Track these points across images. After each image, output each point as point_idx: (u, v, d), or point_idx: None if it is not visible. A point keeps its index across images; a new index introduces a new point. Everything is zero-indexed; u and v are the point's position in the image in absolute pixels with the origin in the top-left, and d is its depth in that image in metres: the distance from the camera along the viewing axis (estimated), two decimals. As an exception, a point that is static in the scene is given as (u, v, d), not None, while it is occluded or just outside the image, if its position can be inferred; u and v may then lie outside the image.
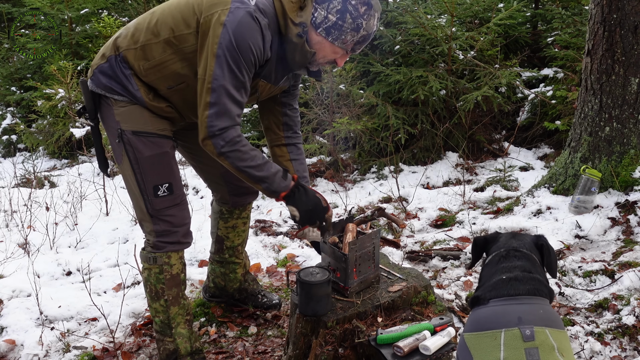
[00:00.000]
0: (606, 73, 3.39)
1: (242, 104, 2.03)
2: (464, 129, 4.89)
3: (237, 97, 1.99)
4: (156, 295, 2.32)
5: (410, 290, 2.29)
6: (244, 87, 2.01)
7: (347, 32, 1.99)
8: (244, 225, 2.70)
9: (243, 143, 2.04)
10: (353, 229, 2.40)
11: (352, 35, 2.00)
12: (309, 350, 2.16)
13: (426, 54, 4.93)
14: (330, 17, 1.97)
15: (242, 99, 2.02)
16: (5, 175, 5.55)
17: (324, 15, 1.98)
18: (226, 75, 1.95)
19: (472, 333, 1.64)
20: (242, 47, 1.94)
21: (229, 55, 1.93)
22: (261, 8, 1.98)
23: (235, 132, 2.01)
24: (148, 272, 2.31)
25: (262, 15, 1.97)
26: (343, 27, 1.97)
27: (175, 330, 2.35)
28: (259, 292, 2.84)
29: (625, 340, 2.40)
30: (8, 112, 7.27)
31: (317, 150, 4.97)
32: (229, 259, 2.72)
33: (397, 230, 3.75)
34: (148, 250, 2.30)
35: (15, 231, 3.99)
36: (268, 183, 2.11)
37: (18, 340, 2.71)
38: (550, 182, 3.74)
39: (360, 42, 2.04)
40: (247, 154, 2.04)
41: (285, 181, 2.14)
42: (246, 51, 1.95)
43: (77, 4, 6.83)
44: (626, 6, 3.25)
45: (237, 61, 1.95)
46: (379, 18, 2.04)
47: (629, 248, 3.06)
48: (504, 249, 1.79)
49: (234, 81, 1.97)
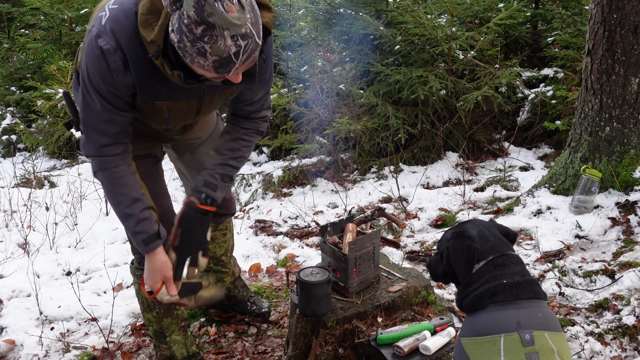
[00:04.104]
0: (606, 73, 3.39)
1: (109, 133, 1.84)
2: (464, 129, 4.88)
3: (98, 127, 1.82)
4: (148, 307, 2.32)
5: (410, 290, 2.29)
6: (108, 115, 1.81)
7: (193, 56, 1.57)
8: (224, 236, 2.61)
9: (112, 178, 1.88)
10: (353, 229, 2.40)
11: (203, 60, 1.57)
12: (309, 350, 2.16)
13: (426, 54, 4.93)
14: (172, 35, 1.59)
15: (107, 128, 1.82)
16: (5, 175, 5.55)
17: (170, 30, 1.59)
18: (87, 103, 1.80)
19: (471, 338, 1.62)
20: (92, 78, 1.74)
21: (84, 86, 1.78)
22: (109, 28, 1.69)
23: (108, 164, 1.87)
24: (138, 286, 2.28)
25: (110, 36, 1.69)
26: (186, 49, 1.57)
27: (170, 338, 2.36)
28: (248, 299, 2.81)
29: (626, 341, 2.40)
30: (8, 112, 7.27)
31: (317, 150, 4.96)
32: (214, 268, 2.67)
33: (397, 230, 3.74)
34: (136, 265, 2.27)
35: (15, 231, 3.99)
36: (128, 233, 1.98)
37: (18, 340, 2.71)
38: (551, 182, 3.73)
39: (220, 66, 1.58)
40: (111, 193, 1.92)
41: (144, 246, 1.92)
42: (97, 82, 1.75)
43: (76, 3, 6.83)
44: (626, 6, 3.25)
45: (91, 91, 1.76)
46: (243, 34, 1.55)
47: (629, 248, 3.06)
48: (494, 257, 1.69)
49: (94, 109, 1.79)
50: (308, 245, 3.68)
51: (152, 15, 1.65)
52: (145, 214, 1.92)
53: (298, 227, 4.03)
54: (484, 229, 1.76)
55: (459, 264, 1.74)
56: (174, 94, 1.86)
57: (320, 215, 4.16)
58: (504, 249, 1.72)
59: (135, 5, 1.70)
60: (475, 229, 1.75)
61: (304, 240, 3.79)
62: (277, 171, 4.87)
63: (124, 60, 1.71)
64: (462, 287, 1.74)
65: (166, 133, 2.11)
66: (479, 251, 1.71)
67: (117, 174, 1.89)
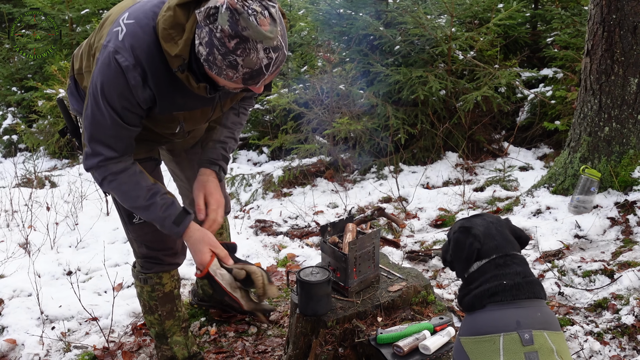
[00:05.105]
0: (605, 73, 3.40)
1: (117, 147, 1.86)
2: (464, 129, 4.89)
3: (106, 140, 1.83)
4: (150, 309, 2.32)
5: (410, 290, 2.29)
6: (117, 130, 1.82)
7: (222, 68, 1.62)
8: (220, 236, 2.61)
9: (121, 181, 1.88)
10: (353, 229, 2.40)
11: (232, 72, 1.62)
12: (309, 349, 2.17)
13: (426, 54, 4.93)
14: (201, 49, 1.63)
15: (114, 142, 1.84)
16: (6, 175, 5.56)
17: (197, 44, 1.64)
18: (96, 117, 1.80)
19: (470, 337, 1.63)
20: (107, 93, 1.75)
21: (94, 101, 1.78)
22: (128, 44, 1.71)
23: (114, 169, 1.87)
24: (140, 289, 2.29)
25: (128, 53, 1.70)
26: (216, 62, 1.62)
27: (171, 339, 2.36)
28: None
29: (625, 340, 2.41)
30: (9, 112, 7.29)
31: (317, 150, 4.97)
32: None
33: (397, 230, 3.75)
34: (138, 269, 2.27)
35: (16, 231, 4.00)
36: (158, 225, 1.96)
37: (19, 339, 2.72)
38: (550, 182, 3.74)
39: (249, 78, 1.65)
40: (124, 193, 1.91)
41: (177, 228, 1.95)
42: (111, 97, 1.75)
43: (77, 4, 6.84)
44: (625, 6, 3.26)
45: (102, 106, 1.77)
46: (274, 47, 1.61)
47: (628, 248, 3.07)
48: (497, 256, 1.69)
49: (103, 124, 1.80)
50: (308, 245, 3.69)
51: (175, 30, 1.67)
52: (166, 199, 1.94)
53: (298, 227, 4.04)
54: (492, 226, 1.74)
55: (459, 259, 1.75)
56: (192, 102, 1.90)
57: (320, 215, 4.16)
58: (509, 249, 1.70)
59: (153, 20, 1.72)
60: (482, 226, 1.74)
61: (304, 240, 3.80)
62: (277, 171, 4.88)
63: (143, 75, 1.73)
64: (464, 284, 1.74)
65: (172, 137, 2.12)
66: (480, 250, 1.71)
67: (126, 175, 1.90)
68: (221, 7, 1.56)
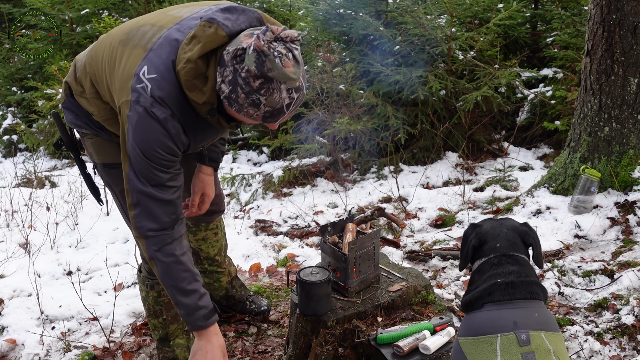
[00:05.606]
0: (605, 73, 3.40)
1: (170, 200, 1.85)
2: (464, 129, 4.89)
3: (158, 195, 1.81)
4: (154, 313, 2.32)
5: (410, 290, 2.29)
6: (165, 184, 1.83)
7: (244, 106, 1.68)
8: (215, 235, 2.62)
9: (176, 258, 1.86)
10: (353, 229, 2.40)
11: (254, 110, 1.68)
12: (309, 349, 2.17)
13: (426, 54, 4.93)
14: (223, 87, 1.68)
15: (167, 195, 1.84)
16: (6, 175, 5.56)
17: (219, 81, 1.69)
18: (140, 178, 1.79)
19: (468, 338, 1.64)
20: (147, 153, 1.75)
21: (135, 161, 1.77)
22: (158, 96, 1.72)
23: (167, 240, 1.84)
24: (146, 293, 2.29)
25: (161, 104, 1.73)
26: (238, 100, 1.67)
27: (174, 342, 2.36)
28: (246, 299, 2.82)
29: (625, 340, 2.41)
30: (9, 112, 7.29)
31: (317, 150, 4.97)
32: (210, 269, 2.68)
33: (397, 230, 3.75)
34: (144, 275, 2.27)
35: (16, 231, 4.00)
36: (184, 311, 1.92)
37: (19, 339, 2.72)
38: (550, 182, 3.74)
39: (270, 116, 1.70)
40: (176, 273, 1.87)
41: (204, 321, 1.92)
42: (152, 156, 1.76)
43: (77, 4, 6.83)
44: (625, 7, 3.26)
45: (144, 166, 1.77)
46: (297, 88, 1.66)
47: (628, 248, 3.07)
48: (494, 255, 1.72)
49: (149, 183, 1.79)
50: (308, 245, 3.69)
51: (198, 79, 1.71)
52: (203, 289, 1.95)
53: (298, 227, 4.04)
54: (501, 229, 1.78)
55: (461, 252, 1.83)
56: (213, 133, 2.02)
57: (320, 215, 4.16)
58: (509, 250, 1.73)
59: (172, 71, 1.75)
60: (489, 226, 1.80)
61: (304, 240, 3.80)
62: (277, 171, 4.88)
63: (180, 124, 1.79)
64: (468, 284, 1.78)
65: None
66: (479, 248, 1.75)
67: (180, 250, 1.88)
68: (248, 49, 1.62)
